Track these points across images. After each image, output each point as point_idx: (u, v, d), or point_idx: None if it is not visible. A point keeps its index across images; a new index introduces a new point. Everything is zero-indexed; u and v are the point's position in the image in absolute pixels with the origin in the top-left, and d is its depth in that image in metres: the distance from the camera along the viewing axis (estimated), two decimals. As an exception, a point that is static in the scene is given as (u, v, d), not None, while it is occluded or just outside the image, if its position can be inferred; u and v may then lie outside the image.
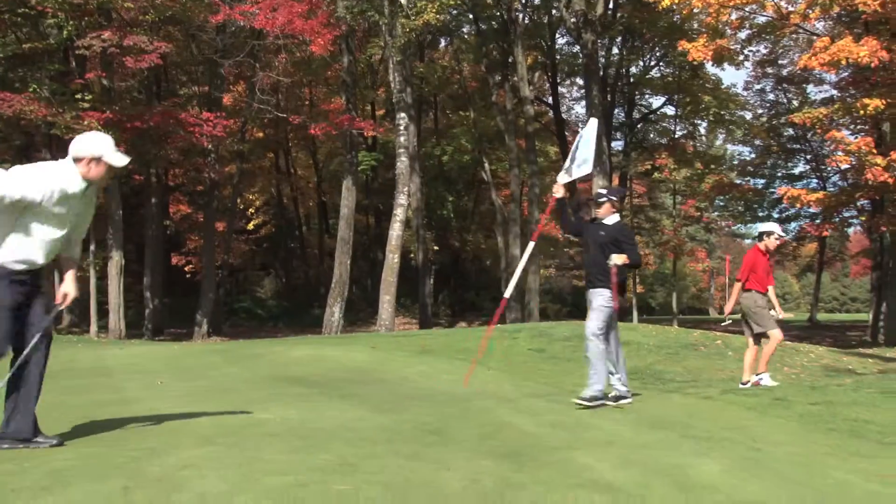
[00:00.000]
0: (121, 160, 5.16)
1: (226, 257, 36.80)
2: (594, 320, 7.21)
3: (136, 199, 39.09)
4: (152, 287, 32.50)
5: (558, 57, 41.03)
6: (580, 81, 42.27)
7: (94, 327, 28.51)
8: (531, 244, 9.04)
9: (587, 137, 7.97)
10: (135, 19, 25.94)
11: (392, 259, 26.25)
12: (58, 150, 30.34)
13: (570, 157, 8.07)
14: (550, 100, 42.21)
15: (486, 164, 39.31)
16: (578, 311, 39.71)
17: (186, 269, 40.56)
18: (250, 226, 47.17)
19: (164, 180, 38.13)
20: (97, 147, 5.10)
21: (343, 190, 29.64)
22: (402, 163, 26.75)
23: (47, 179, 4.92)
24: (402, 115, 27.13)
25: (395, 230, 26.46)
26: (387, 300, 26.07)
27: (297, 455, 4.70)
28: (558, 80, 42.11)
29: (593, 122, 8.25)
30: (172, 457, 4.64)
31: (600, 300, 7.23)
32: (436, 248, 42.77)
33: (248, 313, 43.33)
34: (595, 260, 7.31)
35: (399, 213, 26.67)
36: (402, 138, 26.83)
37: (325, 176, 46.03)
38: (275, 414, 6.42)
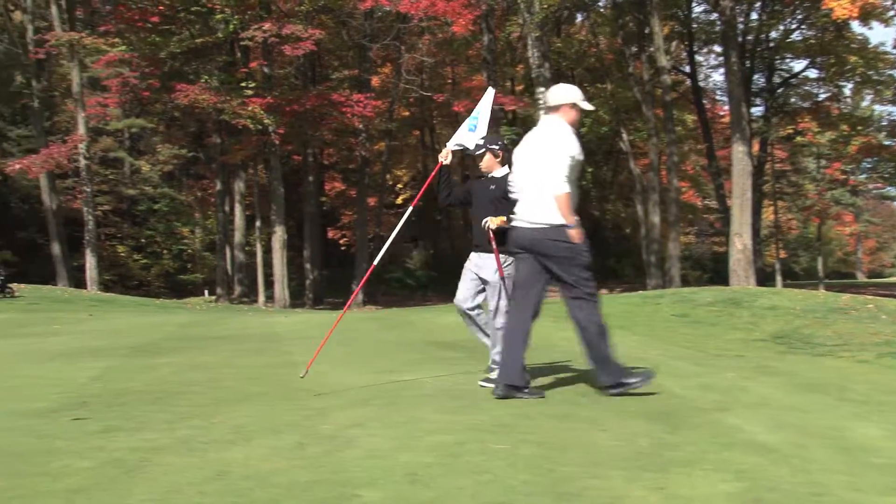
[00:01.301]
0: (589, 106, 5.53)
1: (377, 230, 37.66)
2: (494, 298, 6.18)
3: (294, 178, 40.58)
4: (312, 259, 33.69)
5: (695, 25, 39.40)
6: (718, 49, 40.50)
7: (261, 297, 29.94)
8: (408, 210, 7.79)
9: (483, 108, 6.82)
10: (291, 10, 26.76)
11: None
12: (227, 135, 31.87)
13: (464, 125, 6.87)
14: (687, 68, 40.66)
15: (625, 135, 38.38)
16: (719, 277, 38.31)
17: (342, 242, 41.77)
18: (399, 200, 48.02)
19: (319, 159, 39.33)
20: (571, 94, 5.41)
21: (485, 164, 29.61)
22: (542, 136, 26.44)
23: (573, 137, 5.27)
24: (541, 89, 26.80)
25: (536, 201, 26.24)
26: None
27: (454, 415, 4.73)
28: (695, 49, 40.47)
29: (490, 92, 7.03)
30: (339, 416, 4.78)
31: (490, 273, 6.19)
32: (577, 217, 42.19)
33: (399, 283, 44.25)
34: (483, 219, 6.18)
35: (539, 185, 26.41)
36: (541, 112, 26.52)
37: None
38: (429, 376, 6.50)
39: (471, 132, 6.63)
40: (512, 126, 39.41)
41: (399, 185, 48.61)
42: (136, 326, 13.25)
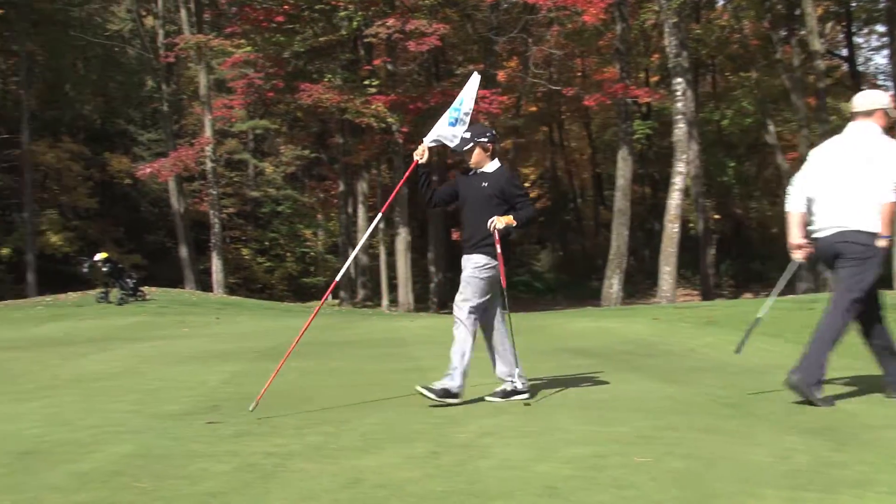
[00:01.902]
0: None
1: (503, 231, 37.66)
2: (463, 294, 5.80)
3: (418, 178, 41.15)
4: (436, 262, 34.06)
5: (854, 4, 37.48)
6: (881, 28, 38.36)
7: (385, 301, 30.50)
8: (379, 216, 7.19)
9: (467, 97, 6.29)
10: (415, 5, 27.16)
11: (671, 229, 25.52)
12: (350, 134, 32.68)
13: (444, 117, 6.33)
14: (844, 52, 38.79)
15: (771, 126, 36.93)
16: (882, 280, 36.27)
17: (467, 243, 41.99)
18: (525, 199, 47.84)
19: (444, 158, 39.70)
20: (884, 99, 5.56)
21: (618, 160, 29.19)
22: (680, 129, 25.85)
23: None
24: (679, 80, 26.17)
25: (674, 199, 25.68)
26: (667, 271, 25.43)
27: (592, 426, 4.69)
28: (854, 30, 38.51)
29: (474, 78, 6.47)
30: (472, 424, 4.83)
31: (471, 269, 5.77)
32: (716, 216, 40.96)
33: (527, 286, 44.14)
34: (478, 219, 5.74)
35: (677, 182, 25.84)
36: (679, 104, 25.91)
37: (599, 147, 45.62)
38: (564, 385, 6.46)
39: (451, 126, 6.19)
40: (646, 120, 38.67)
41: (526, 184, 48.44)
42: (262, 330, 13.78)
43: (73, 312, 17.88)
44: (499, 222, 5.60)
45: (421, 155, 6.02)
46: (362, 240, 6.05)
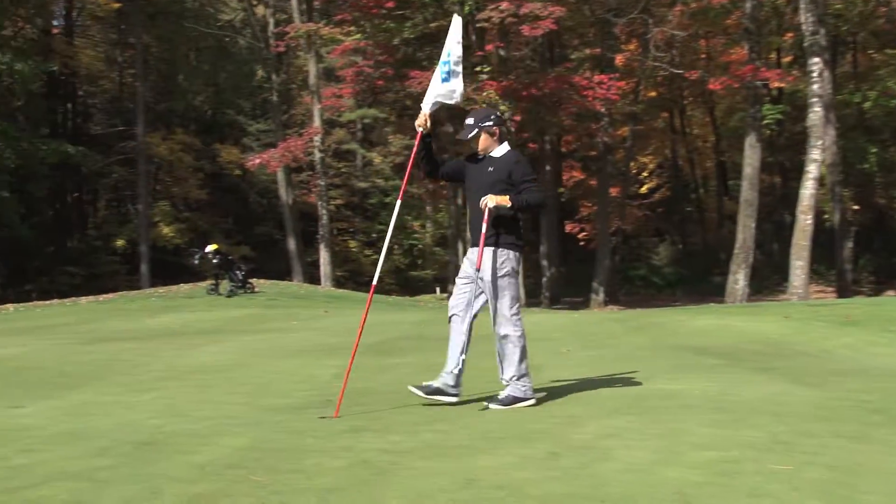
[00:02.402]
0: None
1: (619, 223, 37.19)
2: (504, 299, 5.63)
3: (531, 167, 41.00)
4: (548, 255, 33.89)
5: None
6: None
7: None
8: (398, 204, 6.49)
9: (452, 45, 5.82)
10: (529, -13, 27.02)
11: (804, 221, 24.60)
12: (458, 123, 32.84)
13: (435, 75, 5.89)
14: None
15: (919, 109, 35.11)
16: None
17: (580, 236, 41.70)
18: (643, 190, 47.12)
19: (557, 147, 39.47)
20: None
21: (745, 147, 28.34)
22: (815, 113, 24.86)
23: None
24: (816, 59, 25.16)
25: (808, 189, 24.73)
26: (799, 266, 24.54)
27: (722, 429, 4.56)
28: None
29: (456, 22, 5.94)
30: (592, 425, 4.77)
31: (489, 273, 5.57)
32: (855, 207, 39.26)
33: (644, 280, 43.47)
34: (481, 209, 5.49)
35: (812, 170, 24.87)
36: (815, 86, 24.91)
37: (724, 133, 44.36)
38: (688, 385, 6.31)
39: (445, 83, 5.82)
40: (777, 104, 37.36)
41: (644, 174, 47.69)
42: (371, 324, 13.94)
43: (185, 304, 18.62)
44: (491, 200, 5.39)
45: (423, 124, 5.72)
46: (390, 228, 5.43)
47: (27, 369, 7.99)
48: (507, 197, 5.41)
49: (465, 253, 27.07)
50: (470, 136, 5.65)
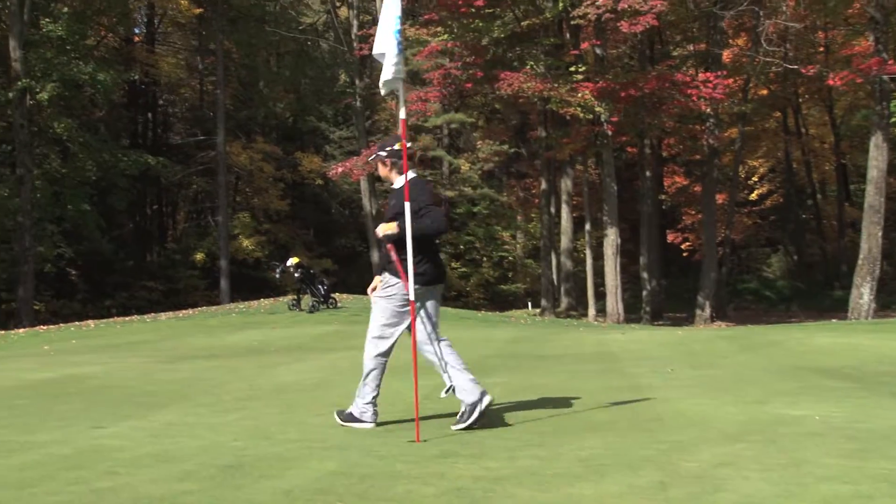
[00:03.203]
0: None
1: (727, 232, 36.47)
2: (373, 319, 6.09)
3: (629, 173, 40.59)
4: (649, 267, 33.43)
5: None
6: None
7: (591, 310, 30.25)
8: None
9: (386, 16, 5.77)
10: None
11: (936, 230, 23.70)
12: (553, 126, 32.75)
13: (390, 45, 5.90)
14: None
15: None
16: None
17: (684, 246, 41.02)
18: (753, 196, 46.09)
19: (658, 151, 38.96)
20: None
21: (870, 148, 27.43)
22: (949, 110, 23.95)
23: None
24: (947, 51, 24.24)
25: (940, 194, 23.82)
26: (930, 280, 23.63)
27: (851, 460, 4.41)
28: None
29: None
30: (704, 452, 4.67)
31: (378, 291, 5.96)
32: None
33: (755, 295, 42.53)
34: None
35: (945, 173, 23.96)
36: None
37: (845, 133, 43.07)
38: (809, 410, 6.12)
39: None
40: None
41: (754, 178, 46.65)
42: (460, 341, 13.95)
43: (266, 320, 18.99)
44: (380, 229, 5.69)
45: (393, 229, 5.72)
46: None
47: (109, 388, 8.25)
48: (395, 224, 5.66)
49: (558, 266, 27.10)
50: (370, 160, 5.91)
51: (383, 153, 5.91)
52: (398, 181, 5.89)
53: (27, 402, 7.25)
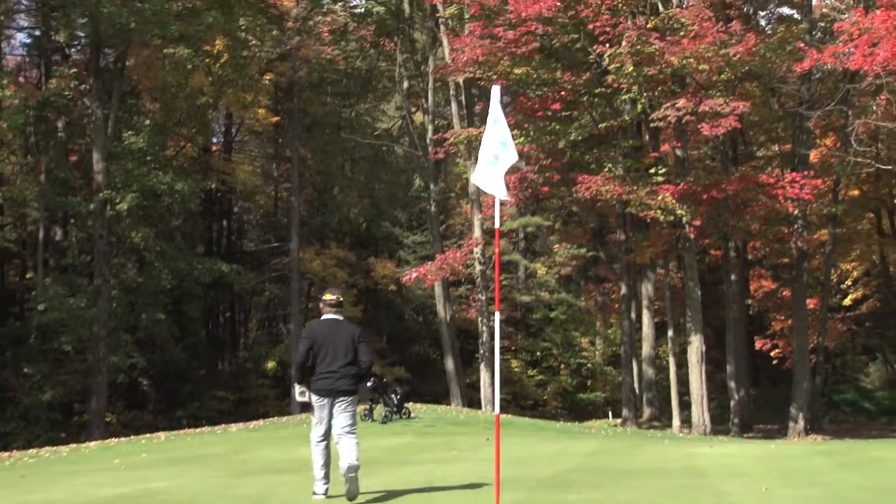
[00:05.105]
0: None
1: (820, 339, 35.51)
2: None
3: (713, 277, 40.07)
4: (736, 375, 32.63)
5: None
6: None
7: (675, 421, 29.53)
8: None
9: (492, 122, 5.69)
10: (709, 81, 26.95)
11: None
12: (633, 230, 32.67)
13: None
14: None
15: None
16: None
17: (773, 354, 40.08)
18: (847, 301, 44.95)
19: (743, 254, 38.44)
20: None
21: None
22: None
23: None
24: None
25: None
26: None
27: None
28: None
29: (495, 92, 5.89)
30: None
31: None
32: None
33: (852, 406, 41.18)
34: None
35: None
36: None
37: (946, 234, 42.05)
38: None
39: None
40: None
41: (847, 283, 45.60)
42: (539, 455, 13.77)
43: (338, 429, 18.89)
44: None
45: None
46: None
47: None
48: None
49: (640, 374, 27.05)
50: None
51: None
52: None
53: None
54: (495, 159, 6.10)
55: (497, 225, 6.17)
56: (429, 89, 36.35)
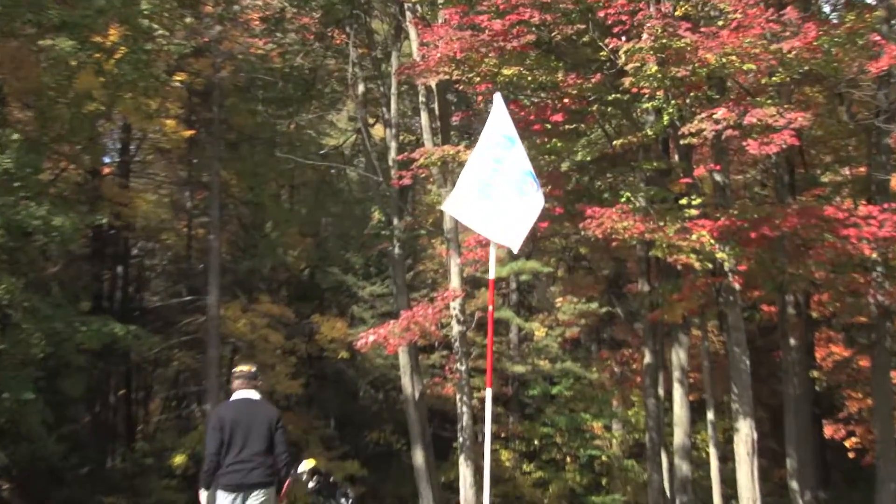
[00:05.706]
0: None
1: (909, 424, 35.48)
2: None
3: (766, 341, 39.95)
4: (800, 473, 32.47)
5: None
6: None
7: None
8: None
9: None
10: (756, 85, 26.87)
11: None
12: (659, 278, 32.49)
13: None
14: None
15: None
16: None
17: (848, 444, 39.91)
18: (944, 373, 45.07)
19: (805, 310, 38.35)
20: None
21: None
22: None
23: None
24: None
25: None
26: None
27: None
28: None
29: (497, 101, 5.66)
30: None
31: None
32: None
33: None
34: None
35: None
36: None
37: None
38: None
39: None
40: None
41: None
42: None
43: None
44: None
45: None
46: None
47: None
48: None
49: (671, 470, 27.22)
50: None
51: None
52: None
53: None
54: (503, 196, 5.86)
55: (491, 275, 5.92)
56: (391, 95, 36.26)
